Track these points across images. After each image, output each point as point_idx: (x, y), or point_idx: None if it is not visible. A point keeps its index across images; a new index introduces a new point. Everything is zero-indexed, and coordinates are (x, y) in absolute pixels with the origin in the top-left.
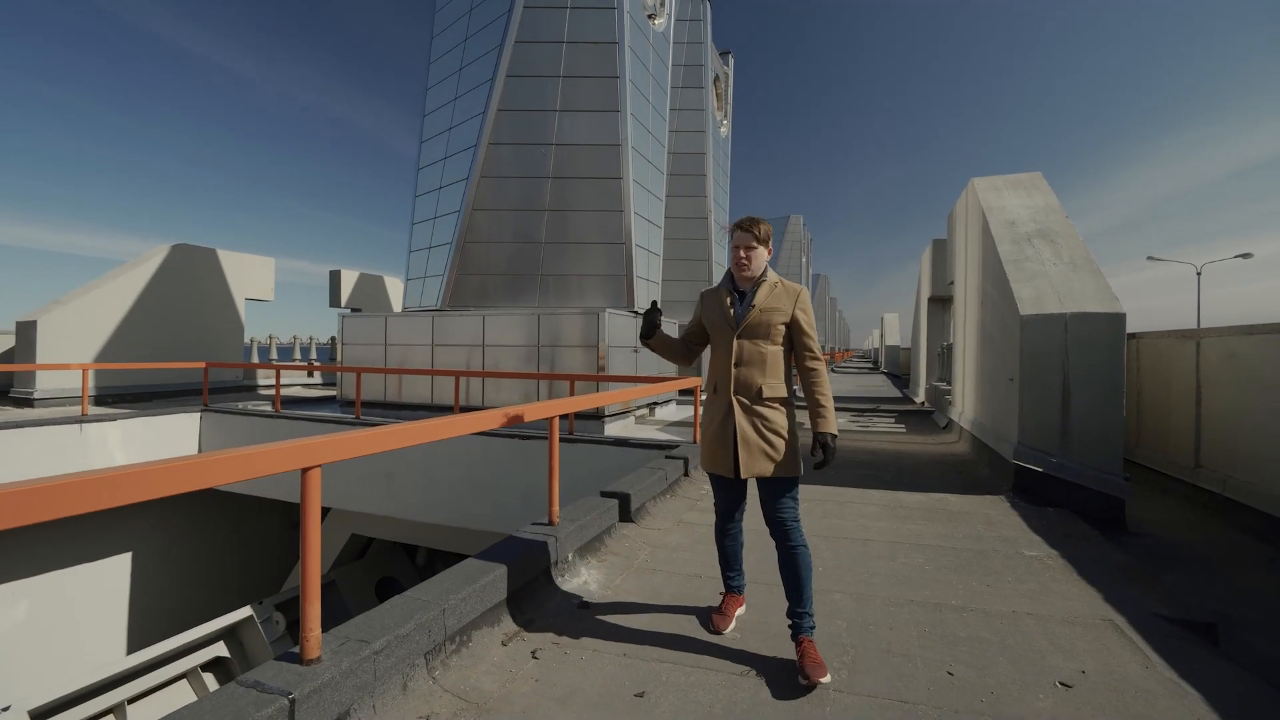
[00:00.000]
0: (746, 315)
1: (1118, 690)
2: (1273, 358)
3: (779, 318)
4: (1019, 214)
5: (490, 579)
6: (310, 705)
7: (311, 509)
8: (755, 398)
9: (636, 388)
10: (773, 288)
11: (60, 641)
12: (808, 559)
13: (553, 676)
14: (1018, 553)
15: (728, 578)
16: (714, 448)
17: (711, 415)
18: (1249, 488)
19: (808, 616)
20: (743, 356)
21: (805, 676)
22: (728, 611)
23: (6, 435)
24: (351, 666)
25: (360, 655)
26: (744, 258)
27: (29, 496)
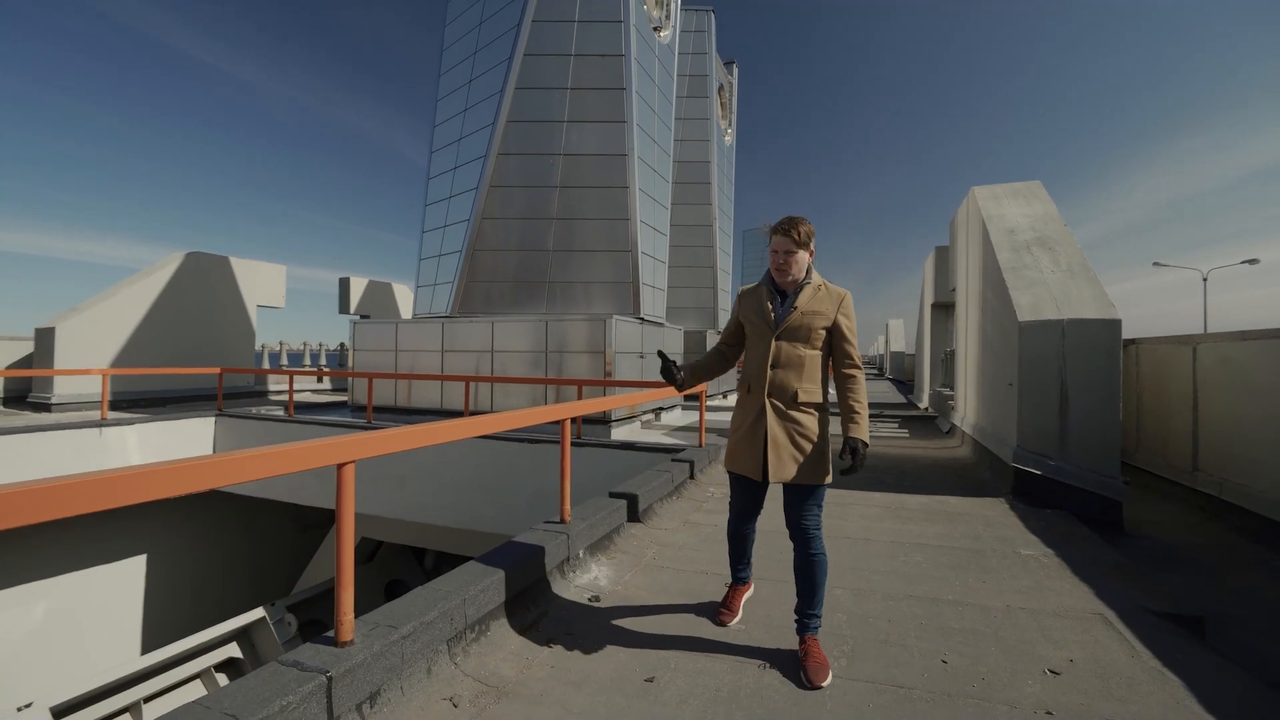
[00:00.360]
0: (787, 317)
1: (1103, 677)
2: (1265, 363)
3: (821, 321)
4: (1018, 222)
5: (507, 573)
6: (345, 683)
7: (346, 503)
8: (790, 402)
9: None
10: (816, 290)
11: (78, 641)
12: (825, 566)
13: (567, 663)
14: (1014, 552)
15: (736, 569)
16: (742, 449)
17: (743, 415)
18: (1244, 490)
19: (816, 618)
20: (780, 359)
21: (808, 678)
22: (733, 604)
23: (30, 438)
24: (382, 649)
25: (389, 639)
26: (783, 261)
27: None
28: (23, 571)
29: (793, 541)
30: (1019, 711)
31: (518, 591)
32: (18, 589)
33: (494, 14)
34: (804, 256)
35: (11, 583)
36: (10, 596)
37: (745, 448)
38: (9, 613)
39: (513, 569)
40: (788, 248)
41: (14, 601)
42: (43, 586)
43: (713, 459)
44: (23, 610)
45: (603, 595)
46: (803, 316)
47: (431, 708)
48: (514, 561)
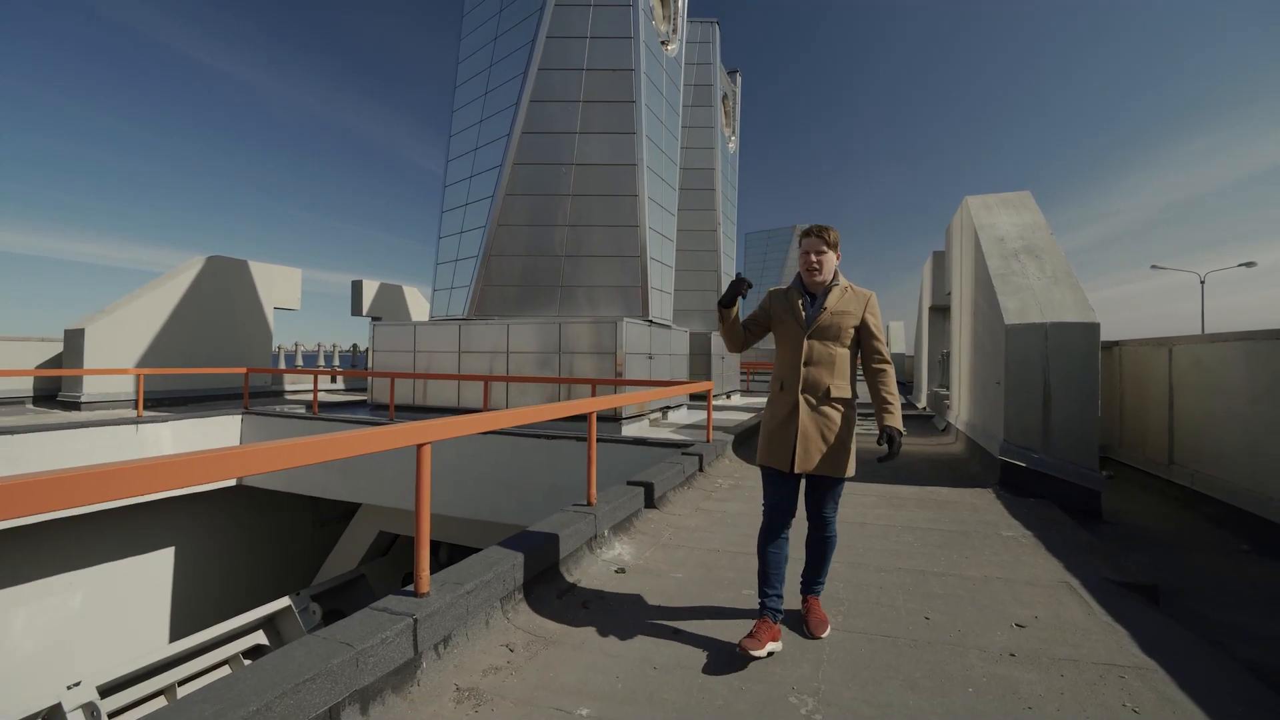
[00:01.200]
0: (818, 317)
1: (1060, 629)
2: (1232, 364)
3: (849, 320)
4: (1008, 231)
5: (546, 545)
6: (426, 626)
7: (424, 478)
8: (822, 397)
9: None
10: (844, 291)
11: (111, 627)
12: (835, 545)
13: (601, 620)
14: (996, 533)
15: (764, 593)
16: (774, 442)
17: (775, 410)
18: (1213, 481)
19: (820, 584)
20: (812, 356)
21: (810, 631)
22: (759, 635)
23: (75, 434)
24: (452, 600)
25: (457, 593)
26: (815, 262)
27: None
28: (62, 561)
29: (809, 522)
30: (987, 654)
31: (555, 561)
32: (58, 578)
33: (509, 30)
34: (832, 258)
35: (53, 572)
36: (51, 585)
37: (778, 440)
38: (51, 600)
39: (551, 542)
40: (819, 249)
41: (55, 590)
42: (80, 576)
43: (720, 453)
44: (63, 598)
45: (627, 568)
46: (832, 316)
47: (492, 651)
48: (551, 537)
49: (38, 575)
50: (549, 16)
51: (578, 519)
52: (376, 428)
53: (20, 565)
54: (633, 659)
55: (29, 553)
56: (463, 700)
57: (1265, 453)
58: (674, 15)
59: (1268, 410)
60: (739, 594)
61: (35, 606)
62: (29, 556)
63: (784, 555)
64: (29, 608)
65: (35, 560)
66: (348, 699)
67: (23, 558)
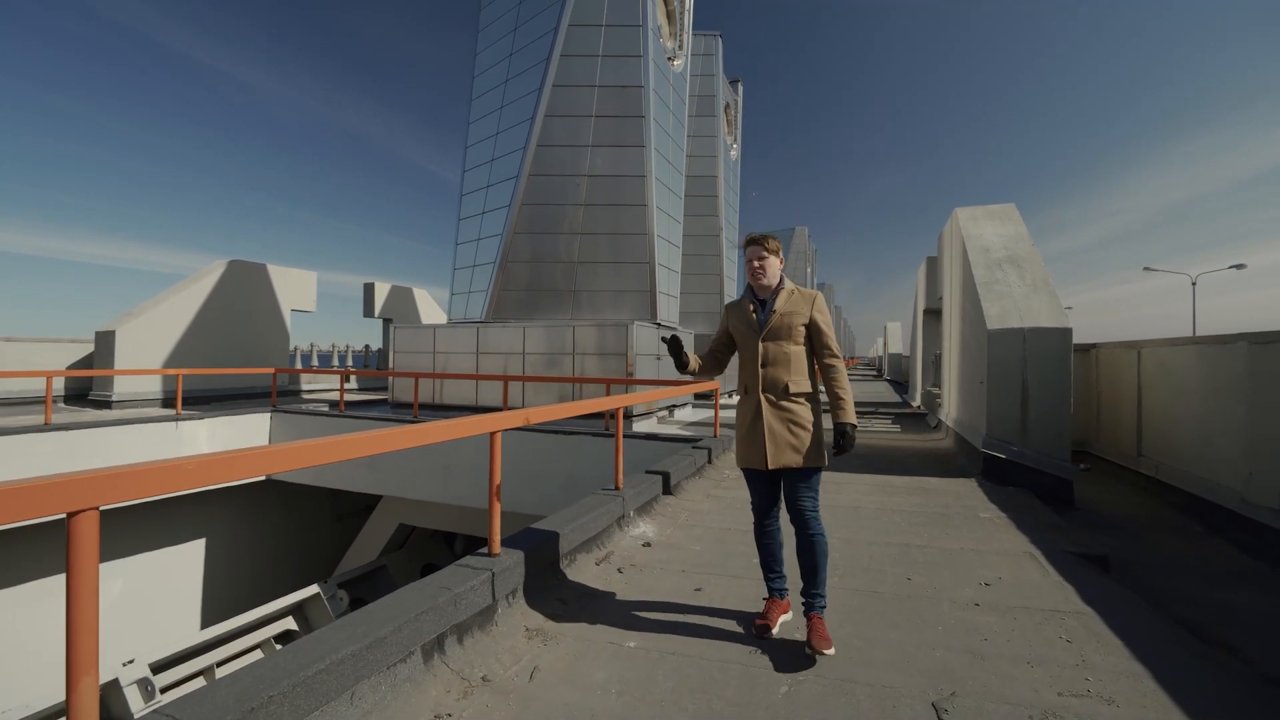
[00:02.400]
0: (769, 320)
1: (1019, 586)
2: (1190, 366)
3: (798, 320)
4: (993, 242)
5: (584, 521)
6: (500, 579)
7: (496, 460)
8: (782, 394)
9: (669, 388)
10: (790, 294)
11: (149, 613)
12: (824, 547)
13: (635, 581)
14: (974, 515)
15: (769, 580)
16: (747, 444)
17: (743, 414)
18: (1175, 471)
19: (820, 597)
20: (768, 357)
21: (812, 648)
22: (770, 615)
23: (121, 430)
24: (517, 560)
25: (517, 556)
26: (758, 267)
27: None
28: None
29: (793, 525)
30: (956, 604)
31: (592, 535)
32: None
33: (523, 48)
34: (775, 263)
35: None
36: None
37: (749, 442)
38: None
39: (589, 519)
40: (760, 255)
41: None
42: (120, 565)
43: (726, 447)
44: (104, 585)
45: (652, 542)
46: (782, 318)
47: (550, 602)
48: (588, 516)
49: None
50: (563, 36)
51: (608, 501)
52: (457, 419)
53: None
54: (665, 608)
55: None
56: (532, 637)
57: (1216, 445)
58: (680, 32)
59: (1217, 408)
60: (749, 563)
61: None
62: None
63: (778, 542)
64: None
65: None
66: (449, 630)
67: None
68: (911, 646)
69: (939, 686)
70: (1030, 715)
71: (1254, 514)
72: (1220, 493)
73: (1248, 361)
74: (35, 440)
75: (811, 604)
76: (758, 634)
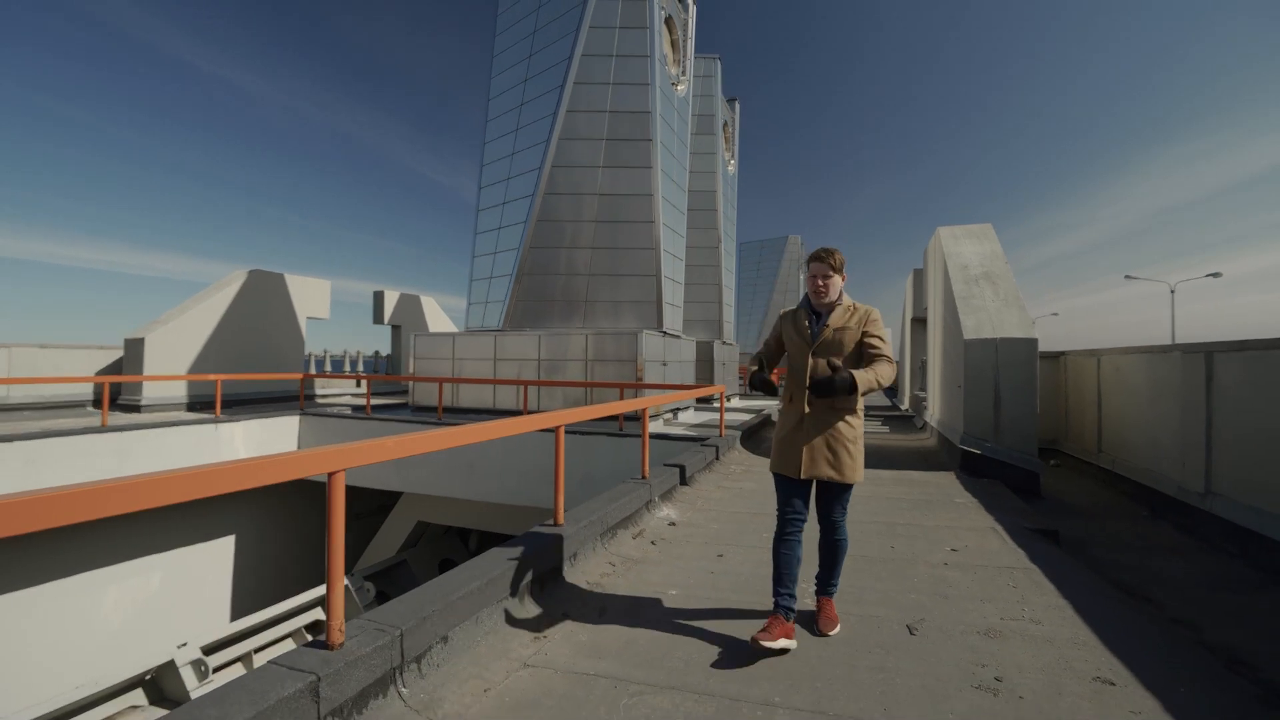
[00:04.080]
0: (820, 334)
1: (981, 551)
2: (1138, 371)
3: (850, 336)
4: (971, 259)
5: (622, 502)
6: (567, 544)
7: (560, 451)
8: (828, 409)
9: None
10: (846, 311)
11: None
12: (846, 548)
13: (668, 550)
14: (951, 500)
15: (778, 592)
16: (784, 450)
17: (785, 421)
18: (1128, 464)
19: (834, 585)
20: (817, 371)
21: (819, 630)
22: (772, 629)
23: (168, 431)
24: (575, 531)
25: (577, 526)
26: (821, 285)
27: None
28: (144, 546)
29: (820, 525)
30: (929, 565)
31: (627, 515)
32: (140, 560)
33: (539, 73)
34: (838, 281)
35: (137, 555)
36: (135, 567)
37: (787, 449)
38: (135, 579)
39: (625, 500)
40: (825, 273)
41: (138, 571)
42: (158, 559)
43: (731, 445)
44: (145, 578)
45: (676, 523)
46: (834, 334)
47: (601, 565)
48: (622, 499)
49: (124, 558)
50: (576, 64)
51: (638, 488)
52: (524, 417)
53: (111, 549)
54: (696, 568)
55: (119, 539)
56: (592, 588)
57: (1159, 441)
58: (683, 58)
59: (1159, 408)
60: (760, 538)
61: (123, 585)
62: (119, 542)
63: (796, 556)
64: (118, 586)
65: (123, 545)
66: (532, 579)
67: (112, 544)
68: (893, 592)
69: (913, 616)
70: (978, 631)
71: (1187, 499)
72: (1162, 482)
73: (1181, 368)
74: (95, 440)
75: (825, 589)
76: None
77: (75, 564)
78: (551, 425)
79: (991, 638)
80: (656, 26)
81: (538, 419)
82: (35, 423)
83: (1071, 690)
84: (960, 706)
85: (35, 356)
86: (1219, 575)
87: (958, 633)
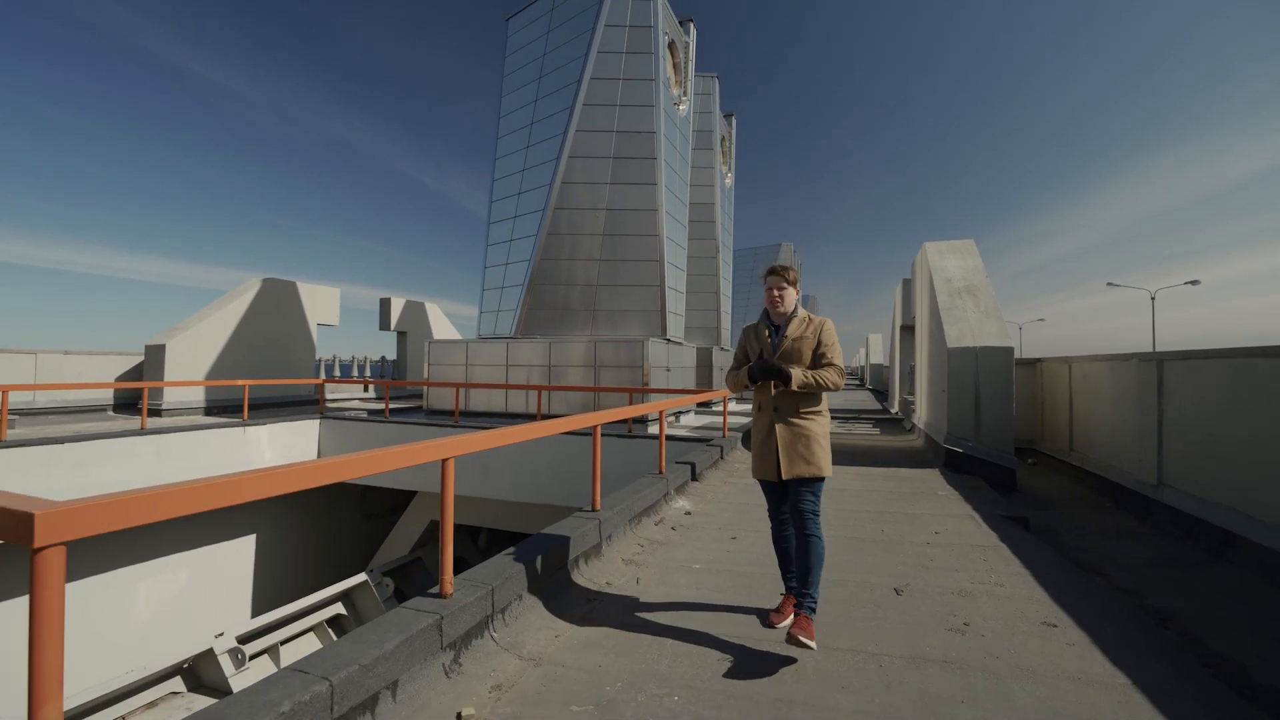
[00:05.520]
0: (780, 344)
1: (959, 534)
2: (1102, 377)
3: (807, 345)
4: (954, 273)
5: (645, 494)
6: (605, 526)
7: (597, 448)
8: (793, 413)
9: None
10: (801, 321)
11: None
12: (820, 550)
13: (687, 535)
14: (934, 493)
15: (786, 577)
16: (761, 458)
17: (757, 429)
18: (1095, 461)
19: (810, 598)
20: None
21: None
22: (784, 609)
23: (201, 434)
24: (610, 516)
25: (610, 512)
26: (777, 297)
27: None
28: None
29: (793, 525)
30: (914, 544)
31: (649, 505)
32: (169, 558)
33: (549, 94)
34: (792, 293)
35: (166, 553)
36: (164, 564)
37: (763, 456)
38: (165, 575)
39: (647, 493)
40: (780, 285)
41: (168, 567)
42: (185, 556)
43: (733, 445)
44: (173, 574)
45: (691, 512)
46: (793, 343)
47: (632, 545)
48: (645, 490)
49: (154, 555)
50: (585, 87)
51: (656, 481)
52: (565, 418)
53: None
54: (714, 547)
55: (151, 539)
56: (627, 564)
57: (1120, 440)
58: (684, 80)
59: (1120, 410)
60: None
61: (153, 581)
62: (151, 541)
63: (793, 545)
64: (149, 582)
65: (155, 544)
66: (580, 555)
67: (145, 543)
68: (883, 565)
69: (900, 582)
70: (952, 592)
71: (1143, 490)
72: (1123, 476)
73: (1137, 375)
74: (136, 443)
75: (800, 603)
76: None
77: (112, 560)
78: (590, 425)
79: (963, 596)
80: (660, 52)
81: (581, 419)
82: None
83: (1022, 631)
84: (935, 643)
85: (60, 362)
86: (1166, 555)
87: (935, 593)
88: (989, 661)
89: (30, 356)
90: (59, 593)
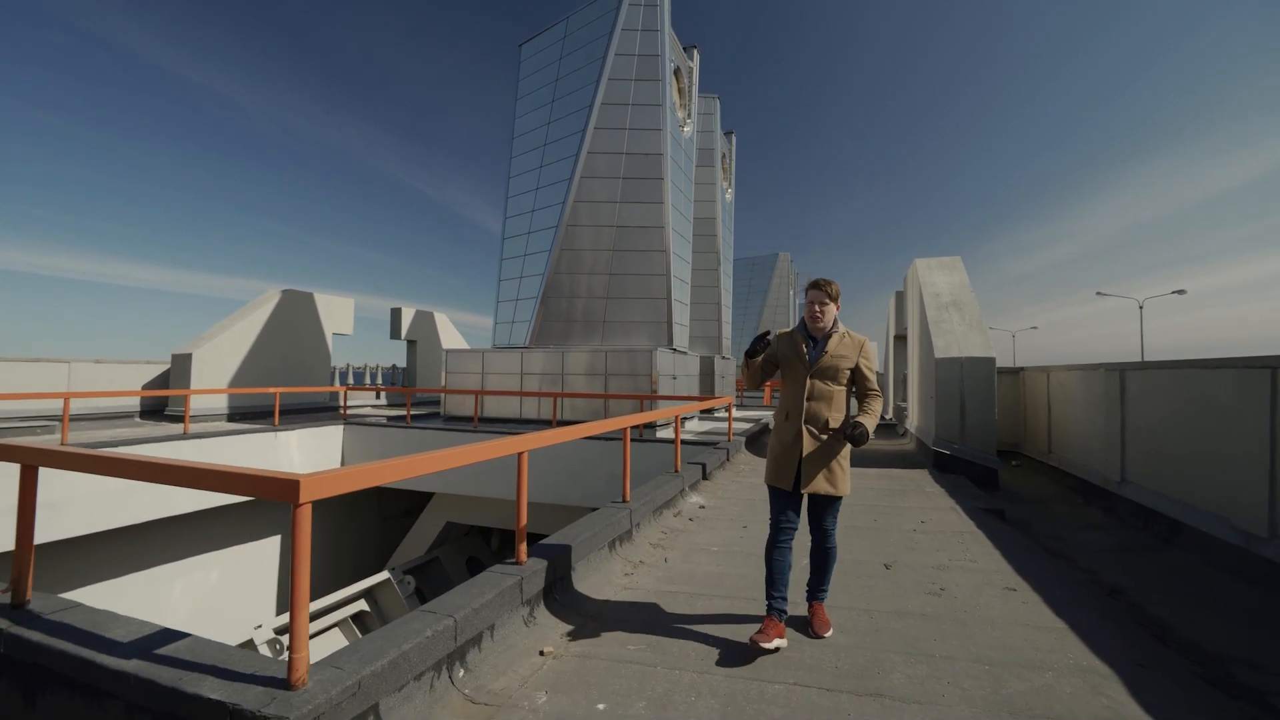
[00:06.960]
0: (819, 359)
1: (942, 523)
2: (1075, 384)
3: (846, 363)
4: (942, 288)
5: (665, 489)
6: (635, 515)
7: (627, 448)
8: (822, 427)
9: (694, 403)
10: (841, 338)
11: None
12: (835, 556)
13: (703, 525)
14: (922, 490)
15: (771, 597)
16: (779, 465)
17: (780, 437)
18: (1069, 462)
19: (824, 591)
20: (814, 393)
21: (814, 632)
22: (768, 631)
23: (237, 438)
24: (639, 506)
25: (639, 503)
26: (817, 312)
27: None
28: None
29: (812, 534)
30: (902, 531)
31: (668, 500)
32: (201, 557)
33: (561, 117)
34: (833, 309)
35: (198, 553)
36: (197, 563)
37: (782, 463)
38: (198, 574)
39: (663, 491)
40: (821, 300)
41: (200, 566)
42: (216, 556)
43: (738, 449)
44: (205, 573)
45: (705, 506)
46: (832, 359)
47: (656, 533)
48: (664, 486)
49: (187, 555)
50: (596, 112)
51: (673, 479)
52: (596, 422)
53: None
54: (729, 534)
55: (185, 538)
56: (654, 547)
57: (1090, 442)
58: (688, 102)
59: (1091, 414)
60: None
61: (188, 579)
62: (184, 541)
63: (788, 562)
64: (184, 579)
65: (187, 543)
66: (616, 538)
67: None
68: (874, 547)
69: (889, 559)
70: (932, 567)
71: (1109, 486)
72: (1093, 474)
73: (1104, 383)
74: (181, 446)
75: (815, 594)
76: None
77: (149, 559)
78: (620, 427)
79: (941, 570)
80: (667, 78)
81: (612, 422)
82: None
83: (987, 594)
84: (915, 602)
85: (93, 371)
86: (1125, 542)
87: (919, 568)
88: (958, 614)
89: (64, 365)
90: (307, 531)
